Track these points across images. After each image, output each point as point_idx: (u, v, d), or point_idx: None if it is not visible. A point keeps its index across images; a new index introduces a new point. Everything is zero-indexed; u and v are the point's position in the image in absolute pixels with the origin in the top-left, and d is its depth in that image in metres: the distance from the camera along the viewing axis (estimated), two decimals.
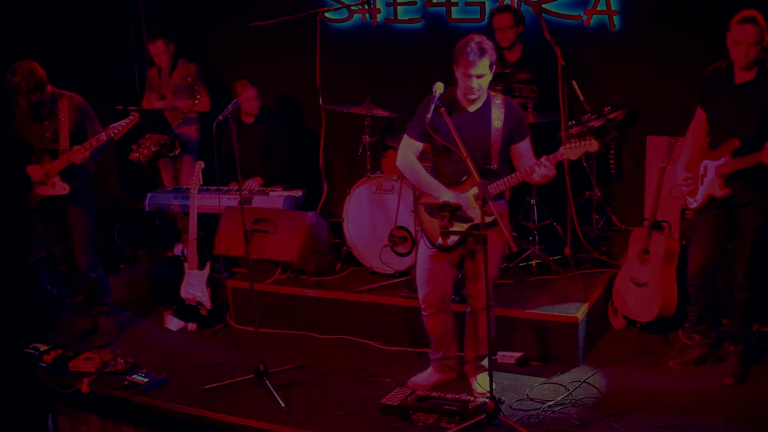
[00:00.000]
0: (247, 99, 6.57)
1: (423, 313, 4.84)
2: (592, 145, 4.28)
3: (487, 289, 4.33)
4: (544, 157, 4.36)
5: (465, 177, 4.48)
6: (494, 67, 4.40)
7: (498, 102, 4.49)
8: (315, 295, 5.86)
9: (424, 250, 4.71)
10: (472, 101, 4.44)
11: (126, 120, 5.51)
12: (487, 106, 4.48)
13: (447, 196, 4.48)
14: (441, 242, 4.48)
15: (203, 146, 7.05)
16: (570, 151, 4.31)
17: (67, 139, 5.52)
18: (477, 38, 4.36)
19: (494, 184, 4.40)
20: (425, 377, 4.98)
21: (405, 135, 4.65)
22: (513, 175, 4.42)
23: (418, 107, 4.57)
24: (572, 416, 4.50)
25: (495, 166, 4.43)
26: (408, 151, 4.62)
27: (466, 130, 4.38)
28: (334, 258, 6.20)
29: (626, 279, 5.38)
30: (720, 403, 4.58)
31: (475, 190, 4.40)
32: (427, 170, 4.66)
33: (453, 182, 4.53)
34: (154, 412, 5.02)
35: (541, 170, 4.32)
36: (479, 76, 4.35)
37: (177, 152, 6.92)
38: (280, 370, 5.17)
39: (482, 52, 4.31)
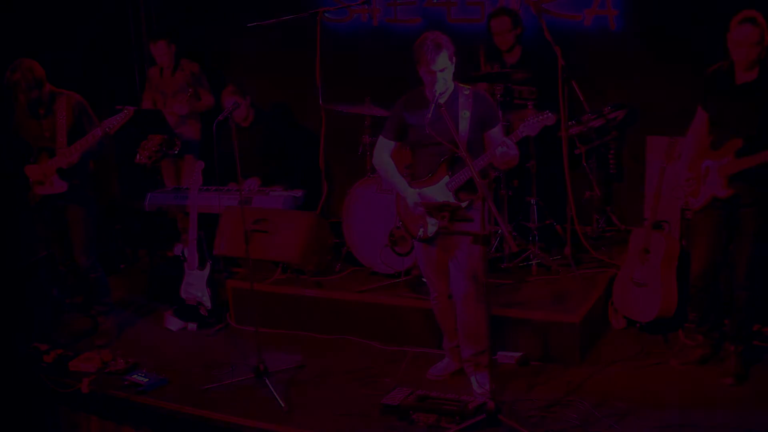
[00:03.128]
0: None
1: (431, 302, 4.98)
2: (549, 119, 4.39)
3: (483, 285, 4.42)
4: (507, 137, 4.48)
5: (437, 169, 4.61)
6: (455, 58, 4.52)
7: (466, 93, 4.61)
8: (315, 295, 5.86)
9: (416, 242, 4.84)
10: (441, 95, 4.52)
11: (120, 115, 5.49)
12: (454, 97, 4.59)
13: (410, 194, 4.67)
14: (421, 234, 4.68)
15: (203, 146, 7.04)
16: (528, 126, 4.43)
17: (65, 137, 5.51)
18: (431, 35, 4.51)
19: (463, 170, 4.51)
20: (443, 366, 5.06)
21: (381, 135, 4.82)
22: (479, 158, 4.50)
23: (392, 108, 4.76)
24: (572, 416, 4.50)
25: (464, 154, 4.47)
26: (382, 149, 4.81)
27: (436, 123, 4.45)
28: (334, 258, 6.20)
29: (626, 279, 5.38)
30: (720, 403, 4.58)
31: (446, 179, 4.59)
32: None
33: (429, 173, 4.65)
34: (154, 412, 5.01)
35: (503, 149, 4.42)
36: (441, 70, 4.48)
37: (177, 150, 6.91)
38: (280, 370, 5.17)
39: (438, 47, 4.45)
